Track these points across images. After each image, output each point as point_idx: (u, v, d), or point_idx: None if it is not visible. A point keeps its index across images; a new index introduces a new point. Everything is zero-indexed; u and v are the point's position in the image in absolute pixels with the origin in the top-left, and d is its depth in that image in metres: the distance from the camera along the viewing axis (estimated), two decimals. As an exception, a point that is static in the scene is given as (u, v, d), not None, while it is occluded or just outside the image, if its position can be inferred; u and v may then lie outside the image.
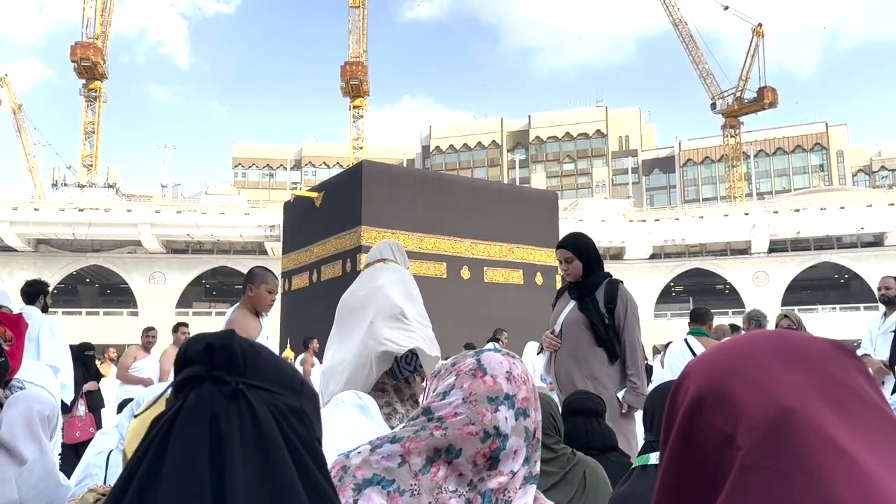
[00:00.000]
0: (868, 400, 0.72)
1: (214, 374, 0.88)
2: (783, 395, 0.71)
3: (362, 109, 63.39)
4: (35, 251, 48.26)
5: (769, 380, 0.72)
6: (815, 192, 58.27)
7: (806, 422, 0.69)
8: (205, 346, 0.90)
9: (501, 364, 1.34)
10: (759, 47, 61.73)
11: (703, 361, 0.79)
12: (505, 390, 1.30)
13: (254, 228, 47.13)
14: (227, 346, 0.91)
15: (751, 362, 0.75)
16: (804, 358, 0.74)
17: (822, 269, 49.32)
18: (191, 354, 0.92)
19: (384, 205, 14.16)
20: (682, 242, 49.78)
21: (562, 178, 77.59)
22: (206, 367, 0.89)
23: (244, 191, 67.34)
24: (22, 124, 61.82)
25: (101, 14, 58.74)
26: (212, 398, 0.86)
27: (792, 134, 72.96)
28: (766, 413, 0.70)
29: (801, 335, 0.78)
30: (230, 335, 0.93)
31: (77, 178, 58.15)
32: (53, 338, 6.00)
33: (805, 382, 0.72)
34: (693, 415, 0.75)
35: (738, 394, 0.72)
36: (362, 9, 62.34)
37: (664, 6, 63.78)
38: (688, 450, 0.76)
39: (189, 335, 7.99)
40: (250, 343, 0.95)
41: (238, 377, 0.89)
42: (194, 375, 0.89)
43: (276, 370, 0.94)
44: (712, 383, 0.75)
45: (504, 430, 1.29)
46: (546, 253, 16.00)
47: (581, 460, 2.65)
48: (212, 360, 0.90)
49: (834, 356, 0.75)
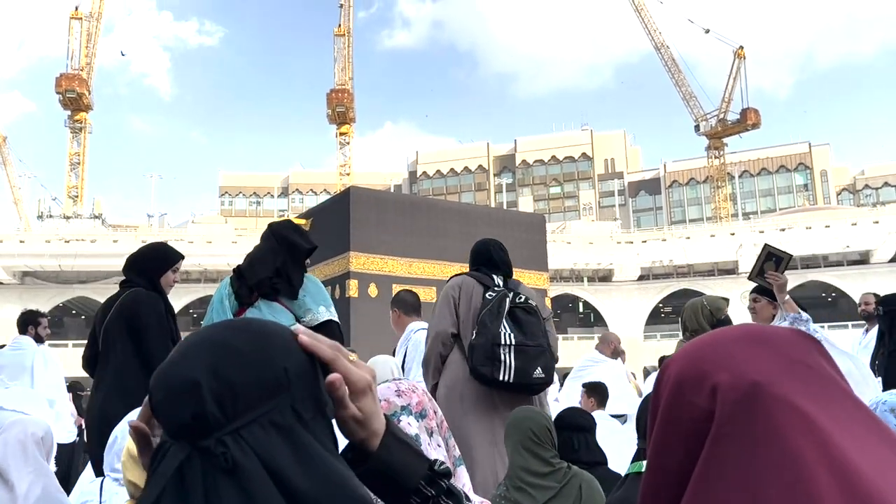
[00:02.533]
0: (826, 376, 0.82)
1: (196, 446, 0.81)
2: (751, 372, 0.80)
3: (349, 136, 63.67)
4: (21, 283, 47.93)
5: (738, 360, 0.82)
6: (801, 211, 58.72)
7: (772, 394, 0.78)
8: (175, 413, 0.83)
9: (389, 388, 1.62)
10: (741, 69, 62.52)
11: (682, 351, 0.89)
12: (399, 404, 1.59)
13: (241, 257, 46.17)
14: (197, 399, 0.82)
15: (722, 346, 0.84)
16: (768, 341, 0.84)
17: (809, 287, 49.56)
18: (163, 422, 0.85)
19: (372, 230, 14.17)
20: (670, 263, 49.98)
21: (549, 201, 77.95)
22: (183, 439, 0.82)
23: (231, 219, 67.28)
24: (6, 157, 61.70)
25: (85, 46, 58.90)
26: (199, 475, 0.80)
27: (776, 154, 73.65)
28: (736, 388, 0.79)
29: (766, 326, 0.90)
30: (194, 371, 0.83)
31: (63, 209, 57.96)
32: (46, 368, 5.96)
33: (769, 360, 0.81)
34: (675, 396, 0.84)
35: (712, 373, 0.81)
36: (347, 37, 62.84)
37: (646, 30, 64.58)
38: (672, 428, 0.84)
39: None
40: (220, 359, 0.85)
41: (219, 430, 0.82)
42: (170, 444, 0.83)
43: (256, 379, 0.85)
44: (690, 367, 0.85)
45: (412, 433, 1.56)
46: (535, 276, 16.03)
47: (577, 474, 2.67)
48: (186, 428, 0.82)
49: (794, 339, 0.85)
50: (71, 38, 58.94)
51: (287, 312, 3.52)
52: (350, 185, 17.42)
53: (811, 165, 73.04)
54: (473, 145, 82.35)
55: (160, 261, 4.02)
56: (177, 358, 0.87)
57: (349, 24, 63.56)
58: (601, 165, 78.51)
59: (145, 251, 4.16)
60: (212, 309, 3.57)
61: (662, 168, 77.11)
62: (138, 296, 3.85)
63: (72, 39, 58.88)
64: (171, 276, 4.01)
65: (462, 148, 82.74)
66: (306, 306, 3.55)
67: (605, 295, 50.19)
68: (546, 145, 79.49)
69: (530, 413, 2.89)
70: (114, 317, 3.83)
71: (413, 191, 76.50)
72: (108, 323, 3.83)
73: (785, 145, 74.53)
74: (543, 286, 16.37)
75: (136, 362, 3.68)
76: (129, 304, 3.82)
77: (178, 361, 0.86)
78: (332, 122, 63.13)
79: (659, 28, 64.50)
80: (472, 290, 4.01)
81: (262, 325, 0.93)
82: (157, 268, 3.98)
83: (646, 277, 50.93)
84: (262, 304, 3.53)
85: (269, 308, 3.51)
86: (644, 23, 64.39)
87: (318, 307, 3.56)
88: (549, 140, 79.98)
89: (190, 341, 0.90)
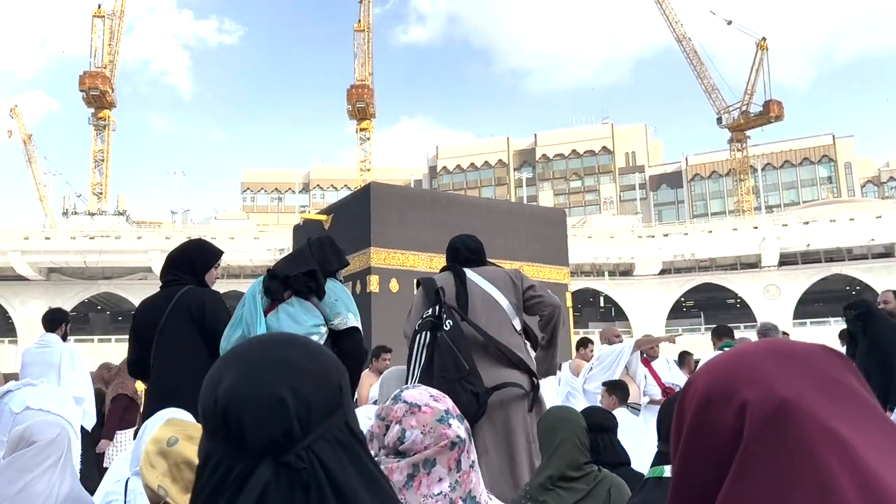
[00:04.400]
0: (856, 393, 0.81)
1: (279, 462, 0.83)
2: (780, 389, 0.79)
3: (369, 132, 63.76)
4: (47, 279, 48.50)
5: (767, 376, 0.80)
6: (825, 204, 58.08)
7: (802, 410, 0.77)
8: (266, 430, 0.84)
9: (422, 394, 1.55)
10: (764, 61, 61.88)
11: (709, 366, 0.87)
12: (442, 409, 1.52)
13: (263, 252, 47.25)
14: (285, 416, 0.84)
15: (750, 362, 0.83)
16: (797, 357, 0.83)
17: (833, 281, 49.04)
18: (251, 438, 0.85)
19: (393, 225, 14.20)
20: (692, 257, 49.61)
21: (569, 195, 77.66)
22: (267, 455, 0.83)
23: (253, 215, 67.64)
24: (32, 154, 62.39)
25: (108, 44, 59.39)
26: (283, 491, 0.82)
27: (799, 147, 72.88)
28: (765, 405, 0.78)
29: (795, 341, 0.87)
30: (279, 389, 0.86)
31: (87, 206, 58.56)
32: (73, 367, 6.02)
33: (799, 377, 0.80)
34: (701, 413, 0.83)
35: (740, 390, 0.80)
36: (367, 32, 62.87)
37: (668, 22, 64.09)
38: (698, 446, 0.83)
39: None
40: (295, 377, 0.88)
41: (296, 446, 0.85)
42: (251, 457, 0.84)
43: (323, 396, 0.89)
44: (717, 383, 0.83)
45: (463, 437, 1.50)
46: (555, 270, 15.99)
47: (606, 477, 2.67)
48: (275, 444, 0.84)
49: (823, 356, 0.84)
50: (94, 36, 59.47)
51: (318, 312, 3.53)
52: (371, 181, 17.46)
53: (835, 158, 72.19)
54: (493, 140, 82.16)
55: (205, 257, 4.00)
56: (250, 376, 0.88)
57: (369, 20, 63.59)
58: (622, 159, 78.08)
59: (189, 248, 4.10)
60: (243, 304, 3.54)
61: (684, 161, 76.55)
62: (206, 294, 3.82)
63: (94, 37, 59.41)
64: (215, 272, 4.01)
65: (482, 143, 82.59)
66: (337, 309, 3.55)
67: (626, 289, 49.95)
68: (566, 139, 79.12)
69: (563, 414, 2.87)
70: (179, 316, 3.73)
71: (433, 186, 76.51)
72: (171, 322, 3.73)
73: (808, 137, 73.72)
74: (564, 280, 16.32)
75: (211, 362, 3.61)
76: (199, 302, 3.75)
77: (254, 380, 0.88)
78: (352, 117, 63.22)
79: (680, 20, 64.03)
80: (444, 285, 4.01)
81: (310, 341, 0.98)
82: (203, 264, 3.96)
83: (667, 271, 50.60)
84: (295, 301, 3.52)
85: (301, 306, 3.52)
86: (665, 15, 63.90)
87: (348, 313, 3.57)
88: (569, 134, 79.62)
89: (251, 358, 0.91)
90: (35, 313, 38.32)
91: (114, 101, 60.31)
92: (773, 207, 66.30)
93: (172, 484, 1.80)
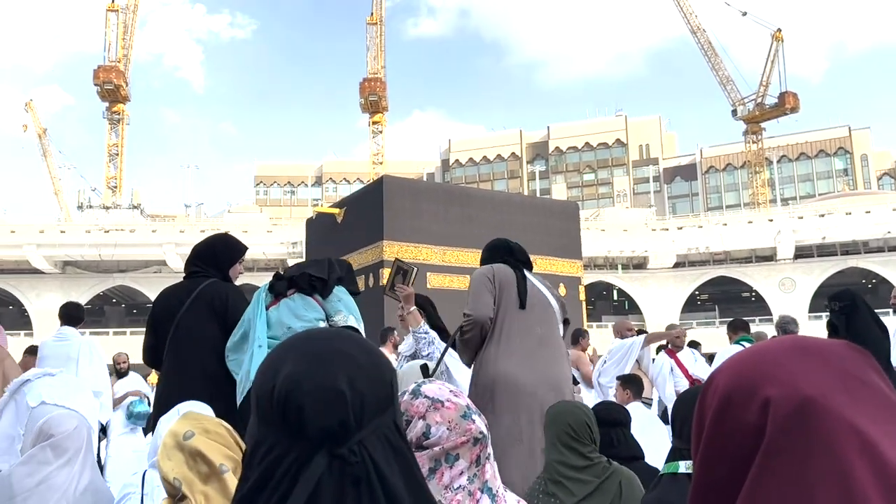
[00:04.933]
0: (879, 391, 0.80)
1: (333, 454, 0.84)
2: (803, 386, 0.78)
3: (381, 125, 63.76)
4: (62, 272, 48.85)
5: (790, 373, 0.80)
6: (840, 196, 57.65)
7: (825, 408, 0.76)
8: (325, 419, 0.85)
9: (441, 389, 1.54)
10: (779, 52, 61.42)
11: (730, 362, 0.86)
12: (464, 404, 1.51)
13: (276, 245, 47.41)
14: (343, 408, 0.85)
15: (772, 360, 0.82)
16: (820, 354, 0.82)
17: (849, 274, 48.70)
18: (310, 426, 0.86)
19: (406, 219, 14.21)
20: (707, 250, 49.40)
21: (582, 188, 77.44)
22: (322, 445, 0.84)
23: (266, 208, 67.84)
24: (47, 148, 62.77)
25: (122, 38, 59.62)
26: (335, 482, 0.83)
27: (815, 139, 72.33)
28: (788, 403, 0.77)
29: (818, 338, 0.87)
30: (337, 381, 0.87)
31: (102, 199, 58.93)
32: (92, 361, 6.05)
33: (822, 374, 0.79)
34: (723, 409, 0.82)
35: (763, 387, 0.80)
36: (380, 25, 62.82)
37: (682, 14, 63.68)
38: (720, 443, 0.82)
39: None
40: (352, 371, 0.90)
41: (354, 435, 0.85)
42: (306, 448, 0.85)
43: (376, 392, 0.90)
44: (739, 380, 0.82)
45: (485, 432, 1.51)
46: (568, 264, 15.97)
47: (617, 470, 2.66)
48: (332, 434, 0.85)
49: (846, 353, 0.83)
50: (108, 30, 59.70)
51: (319, 308, 3.57)
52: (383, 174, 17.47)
53: (851, 150, 71.60)
54: (506, 133, 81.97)
55: (231, 252, 4.03)
56: (312, 366, 0.89)
57: (381, 13, 63.52)
58: (636, 152, 77.72)
59: (215, 242, 4.13)
60: (255, 299, 3.61)
61: (699, 154, 76.13)
62: (229, 288, 3.85)
63: (108, 31, 59.63)
64: (239, 267, 4.04)
65: (495, 136, 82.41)
66: (338, 308, 3.60)
67: (640, 282, 49.81)
68: (580, 132, 78.83)
69: (569, 407, 2.87)
70: (199, 307, 3.75)
71: (446, 179, 76.45)
72: (191, 312, 3.74)
73: (824, 129, 73.13)
74: (577, 274, 16.29)
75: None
76: (223, 295, 3.78)
77: (315, 369, 0.89)
78: (364, 110, 63.24)
79: (695, 11, 63.60)
80: (507, 275, 3.97)
81: (365, 339, 0.99)
82: (229, 259, 3.99)
83: (681, 264, 50.40)
84: (297, 296, 3.58)
85: (303, 301, 3.56)
86: (680, 6, 63.51)
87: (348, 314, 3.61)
88: (582, 127, 79.33)
89: (312, 349, 0.92)
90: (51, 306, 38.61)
91: (128, 95, 60.56)
92: (788, 200, 65.87)
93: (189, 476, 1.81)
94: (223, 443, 1.89)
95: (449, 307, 4.66)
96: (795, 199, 66.37)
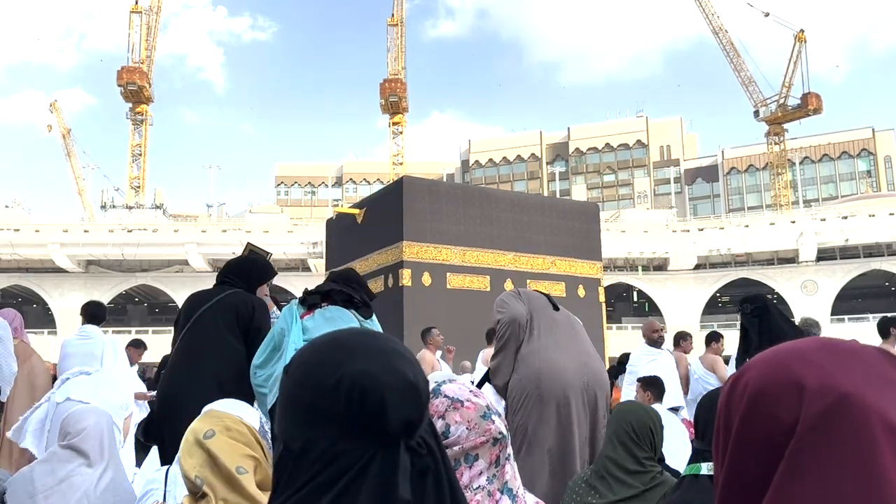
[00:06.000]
0: None
1: (409, 445, 0.85)
2: (839, 383, 0.76)
3: (401, 126, 63.87)
4: (85, 272, 49.34)
5: (823, 370, 0.78)
6: (863, 198, 57.05)
7: (862, 407, 0.74)
8: (405, 411, 0.86)
9: (461, 389, 1.53)
10: (802, 53, 60.87)
11: (760, 360, 0.84)
12: (483, 404, 1.50)
13: (297, 246, 47.60)
14: (419, 400, 0.87)
15: (804, 357, 0.80)
16: (852, 354, 0.80)
17: (871, 276, 48.19)
18: (392, 418, 0.86)
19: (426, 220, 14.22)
20: (728, 252, 49.04)
21: (602, 189, 77.16)
22: (399, 437, 0.85)
23: (287, 209, 68.14)
24: (71, 148, 63.39)
25: (145, 39, 60.14)
26: (412, 473, 0.84)
27: (838, 140, 71.64)
28: (822, 400, 0.75)
29: (848, 340, 0.85)
30: (409, 375, 0.88)
31: (125, 199, 59.46)
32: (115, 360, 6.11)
33: (856, 373, 0.77)
34: (753, 406, 0.80)
35: (795, 386, 0.78)
36: (401, 26, 62.95)
37: (704, 15, 63.29)
38: (750, 441, 0.80)
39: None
40: (414, 366, 0.92)
41: (419, 428, 0.87)
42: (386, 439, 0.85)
43: (426, 385, 0.92)
44: (770, 376, 0.80)
45: (504, 433, 1.51)
46: (588, 265, 15.91)
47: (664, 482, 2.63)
48: (410, 426, 0.86)
49: (879, 356, 0.81)
50: (131, 31, 60.25)
51: (355, 320, 3.68)
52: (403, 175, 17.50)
53: (874, 151, 70.85)
54: (526, 134, 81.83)
55: (263, 273, 4.34)
56: (383, 361, 0.90)
57: (402, 14, 63.64)
58: (656, 153, 77.33)
59: (252, 261, 4.53)
60: (287, 311, 3.74)
61: (720, 155, 75.62)
62: (257, 301, 4.05)
63: (132, 33, 60.18)
64: (265, 288, 4.30)
65: (514, 136, 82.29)
66: (373, 326, 3.73)
67: (660, 284, 49.53)
68: (600, 133, 78.56)
69: (636, 407, 2.87)
70: (221, 310, 3.91)
71: (466, 180, 76.46)
72: (213, 314, 3.89)
73: (847, 131, 72.42)
74: (597, 275, 16.23)
75: (240, 359, 3.77)
76: (251, 304, 3.97)
77: (388, 364, 0.89)
78: (385, 111, 63.39)
79: (717, 12, 63.19)
80: (533, 294, 4.52)
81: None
82: (259, 278, 4.27)
83: (702, 266, 50.07)
84: (332, 307, 3.71)
85: (339, 312, 3.68)
86: (702, 7, 63.11)
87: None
88: (603, 128, 79.04)
89: (375, 345, 0.93)
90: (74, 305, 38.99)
91: (151, 95, 61.07)
92: (810, 202, 65.28)
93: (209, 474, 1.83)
94: (244, 441, 1.90)
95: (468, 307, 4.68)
96: (818, 201, 65.77)
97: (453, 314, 12.49)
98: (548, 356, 4.09)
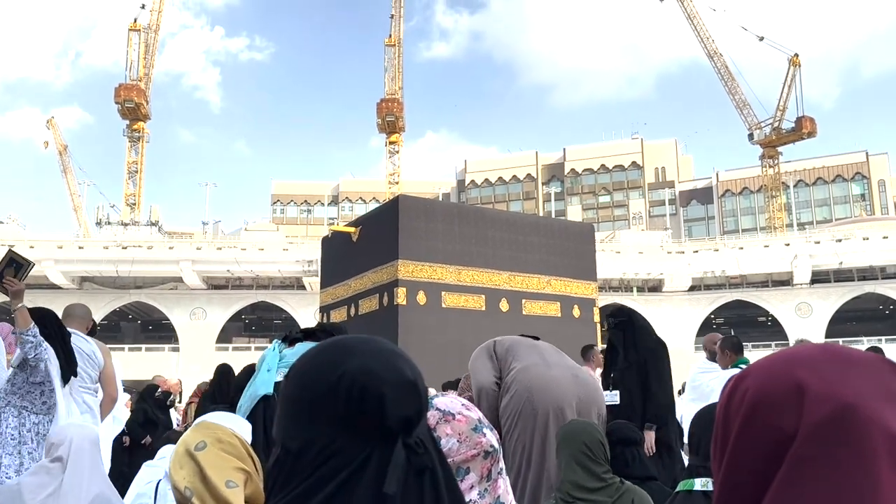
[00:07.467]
0: None
1: (406, 442, 0.85)
2: (841, 392, 0.74)
3: (398, 145, 64.09)
4: (79, 288, 49.16)
5: (825, 379, 0.75)
6: (857, 221, 57.30)
7: (864, 415, 0.72)
8: (405, 407, 0.86)
9: (453, 402, 1.54)
10: (796, 77, 61.33)
11: (760, 366, 0.82)
12: (475, 417, 1.51)
13: (292, 264, 47.55)
14: (419, 397, 0.88)
15: (807, 363, 0.78)
16: (857, 363, 0.78)
17: (866, 299, 48.31)
18: (392, 414, 0.86)
19: (421, 238, 14.23)
20: (722, 274, 49.14)
21: (598, 210, 77.34)
22: (398, 434, 0.85)
23: (282, 227, 68.15)
24: (67, 165, 63.46)
25: (143, 57, 60.37)
26: (408, 472, 0.83)
27: (832, 163, 72.02)
28: (823, 408, 0.73)
29: (851, 348, 0.83)
30: (409, 373, 0.89)
31: (121, 216, 59.39)
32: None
33: (859, 381, 0.75)
34: (752, 414, 0.78)
35: (796, 393, 0.76)
36: (398, 47, 63.32)
37: (699, 38, 63.77)
38: (749, 449, 0.78)
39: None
40: (412, 366, 0.93)
41: (417, 433, 0.87)
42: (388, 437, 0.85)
43: (423, 386, 0.93)
44: (770, 384, 0.78)
45: (496, 446, 1.51)
46: (583, 285, 15.92)
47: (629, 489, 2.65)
48: (408, 422, 0.86)
49: (883, 366, 0.79)
50: (129, 49, 60.44)
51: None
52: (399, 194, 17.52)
53: (868, 175, 71.22)
54: (522, 154, 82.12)
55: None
56: (381, 360, 0.91)
57: (399, 35, 64.04)
58: (651, 174, 77.63)
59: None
60: (270, 348, 3.83)
61: (715, 177, 75.93)
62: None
63: (130, 50, 60.38)
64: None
65: (510, 157, 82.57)
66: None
67: (655, 305, 49.54)
68: (595, 154, 78.89)
69: (583, 426, 2.87)
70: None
71: (461, 199, 76.59)
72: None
73: (841, 154, 72.82)
74: (592, 296, 16.24)
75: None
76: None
77: (387, 362, 0.90)
78: (381, 131, 63.65)
79: (711, 36, 63.69)
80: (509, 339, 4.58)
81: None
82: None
83: (697, 288, 50.15)
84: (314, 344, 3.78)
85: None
86: (696, 31, 63.61)
87: None
88: (598, 149, 79.38)
89: (372, 347, 0.93)
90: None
91: (148, 113, 61.22)
92: (805, 225, 65.49)
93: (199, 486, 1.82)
94: (236, 454, 1.90)
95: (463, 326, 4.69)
96: (812, 224, 65.99)
97: (448, 333, 12.47)
98: (537, 372, 4.12)
